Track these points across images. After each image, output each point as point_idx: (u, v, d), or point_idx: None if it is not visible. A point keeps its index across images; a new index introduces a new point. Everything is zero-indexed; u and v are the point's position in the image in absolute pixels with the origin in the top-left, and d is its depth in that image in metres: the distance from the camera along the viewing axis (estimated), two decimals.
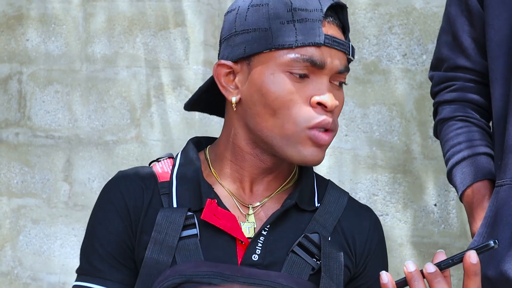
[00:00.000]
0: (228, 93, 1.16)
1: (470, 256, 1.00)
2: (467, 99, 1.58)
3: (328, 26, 1.13)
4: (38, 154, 2.61)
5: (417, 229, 2.16)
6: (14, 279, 2.65)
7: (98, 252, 1.18)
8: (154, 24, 2.44)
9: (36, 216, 2.61)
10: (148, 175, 1.20)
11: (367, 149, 2.20)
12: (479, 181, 1.51)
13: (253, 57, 1.13)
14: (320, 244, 1.14)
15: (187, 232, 1.13)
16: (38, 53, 2.60)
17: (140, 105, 2.46)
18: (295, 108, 1.11)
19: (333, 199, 1.22)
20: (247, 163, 1.17)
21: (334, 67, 1.13)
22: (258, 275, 1.11)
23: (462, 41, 1.56)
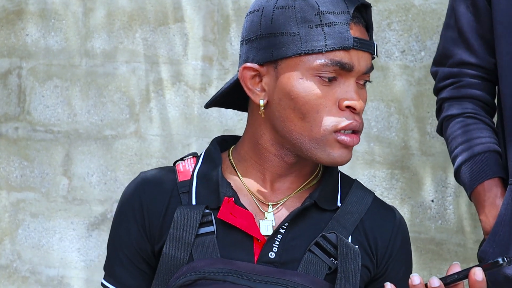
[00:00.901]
0: (255, 96, 1.16)
1: (475, 273, 1.00)
2: (474, 96, 1.57)
3: (355, 28, 1.13)
4: (38, 149, 2.62)
5: (414, 224, 2.17)
6: (13, 272, 2.66)
7: (117, 254, 1.22)
8: (153, 20, 2.45)
9: (35, 210, 2.62)
10: (169, 176, 1.21)
11: (365, 145, 2.21)
12: (490, 179, 1.50)
13: (281, 61, 1.13)
14: (337, 244, 1.14)
15: (204, 230, 1.14)
16: (37, 48, 2.61)
17: (139, 100, 2.47)
18: (324, 111, 1.12)
19: (356, 199, 1.21)
20: (270, 163, 1.18)
21: (362, 68, 1.14)
22: (273, 273, 1.11)
23: (469, 37, 1.55)
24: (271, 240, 1.14)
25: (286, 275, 1.11)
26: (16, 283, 2.66)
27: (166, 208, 1.18)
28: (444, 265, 2.14)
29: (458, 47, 1.58)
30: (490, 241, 1.45)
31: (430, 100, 2.14)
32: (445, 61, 1.61)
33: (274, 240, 1.14)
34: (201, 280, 1.10)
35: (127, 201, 1.21)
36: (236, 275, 1.10)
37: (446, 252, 2.13)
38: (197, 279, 1.10)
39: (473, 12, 1.55)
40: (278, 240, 1.14)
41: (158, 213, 1.18)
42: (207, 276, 1.10)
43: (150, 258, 1.19)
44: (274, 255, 1.13)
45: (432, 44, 2.14)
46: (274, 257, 1.13)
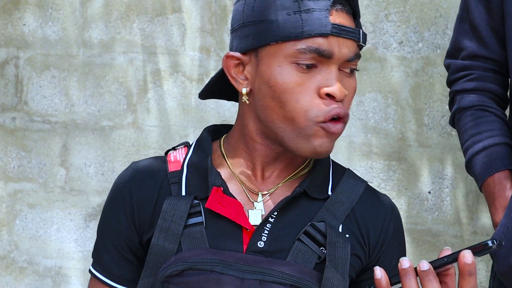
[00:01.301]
0: (238, 84, 1.16)
1: (464, 256, 0.98)
2: (486, 88, 1.57)
3: (336, 14, 1.11)
4: (35, 139, 2.61)
5: (411, 216, 2.17)
6: (11, 263, 2.67)
7: (104, 243, 1.22)
8: (151, 10, 2.44)
9: (33, 201, 2.62)
10: (159, 166, 1.21)
11: (362, 136, 2.20)
12: (500, 171, 1.50)
13: (261, 49, 1.12)
14: (326, 233, 1.13)
15: (193, 220, 1.14)
16: (35, 38, 2.60)
17: (137, 91, 2.46)
18: (304, 100, 1.10)
19: (347, 188, 1.20)
20: (258, 152, 1.18)
21: (343, 56, 1.11)
22: (262, 263, 1.10)
23: (480, 30, 1.55)
24: (260, 229, 1.14)
25: (274, 265, 1.10)
26: (13, 274, 2.66)
27: (156, 199, 1.18)
28: None
29: (470, 40, 1.58)
30: (499, 232, 1.45)
31: (428, 92, 2.14)
32: (458, 53, 1.62)
33: (263, 230, 1.14)
34: (188, 270, 1.10)
35: (117, 191, 1.21)
36: (223, 265, 1.10)
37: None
38: (184, 269, 1.10)
39: (485, 5, 1.54)
40: (267, 229, 1.14)
41: (148, 204, 1.18)
42: (195, 266, 1.10)
43: (138, 248, 1.19)
44: (263, 245, 1.13)
45: (430, 35, 2.13)
46: (263, 247, 1.13)
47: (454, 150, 2.13)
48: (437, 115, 2.13)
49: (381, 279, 1.02)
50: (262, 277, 1.09)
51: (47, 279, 2.61)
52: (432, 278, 1.00)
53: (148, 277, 1.15)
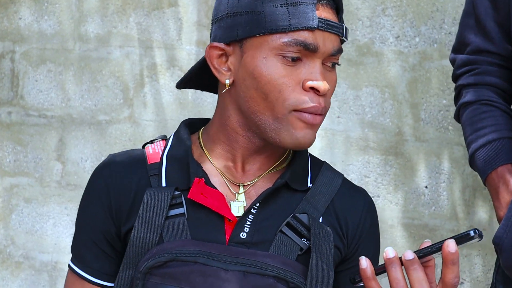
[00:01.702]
0: (221, 75, 1.16)
1: (448, 245, 0.99)
2: (491, 82, 1.57)
3: (321, 9, 1.12)
4: (31, 133, 2.61)
5: (407, 210, 2.17)
6: (7, 257, 2.66)
7: (81, 237, 1.21)
8: (147, 4, 2.43)
9: (29, 195, 2.62)
10: (138, 158, 1.21)
11: (359, 131, 2.20)
12: (504, 165, 1.50)
13: (246, 40, 1.12)
14: (309, 225, 1.14)
15: (175, 211, 1.14)
16: (31, 31, 2.59)
17: (133, 85, 2.46)
18: (287, 91, 1.11)
19: (326, 180, 1.22)
20: (239, 144, 1.18)
21: (327, 50, 1.12)
22: (245, 255, 1.11)
23: (486, 24, 1.55)
24: (242, 221, 1.14)
25: (257, 257, 1.11)
26: (9, 269, 2.66)
27: (136, 191, 1.17)
28: None
29: (476, 35, 1.58)
30: (504, 226, 1.45)
31: (424, 86, 2.14)
32: (463, 48, 1.62)
33: (246, 221, 1.14)
34: (172, 261, 1.10)
35: (94, 184, 1.21)
36: (207, 257, 1.10)
37: (440, 238, 2.14)
38: (167, 260, 1.10)
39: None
40: (250, 221, 1.14)
41: (126, 196, 1.17)
42: (178, 257, 1.10)
43: (115, 241, 1.19)
44: (245, 236, 1.13)
45: (426, 30, 2.13)
46: (246, 238, 1.13)
47: (451, 144, 2.13)
48: (434, 109, 2.13)
49: (366, 268, 1.03)
50: (245, 268, 1.10)
51: (43, 274, 2.61)
52: (417, 267, 1.01)
53: (128, 269, 1.14)
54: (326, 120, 2.23)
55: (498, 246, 1.47)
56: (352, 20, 2.20)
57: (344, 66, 2.21)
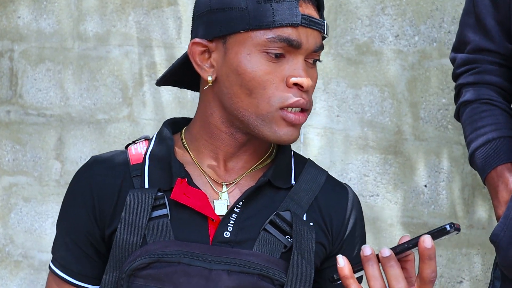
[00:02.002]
0: (204, 72, 1.15)
1: (424, 241, 0.99)
2: (491, 81, 1.57)
3: (304, 6, 1.13)
4: (30, 132, 2.61)
5: (407, 209, 2.17)
6: (6, 256, 2.66)
7: (63, 238, 1.21)
8: (146, 3, 2.43)
9: (28, 194, 2.61)
10: (120, 159, 1.20)
11: (358, 130, 2.20)
12: (503, 164, 1.50)
13: (229, 37, 1.12)
14: (292, 222, 1.14)
15: (158, 213, 1.14)
16: (29, 30, 2.59)
17: (132, 84, 2.46)
18: (271, 88, 1.11)
19: (310, 177, 1.22)
20: (222, 141, 1.18)
21: (310, 46, 1.13)
22: (228, 254, 1.11)
23: (486, 23, 1.55)
24: (226, 220, 1.14)
25: (241, 255, 1.11)
26: (8, 268, 2.66)
27: (119, 192, 1.17)
28: (437, 250, 2.15)
29: (476, 33, 1.58)
30: (502, 224, 1.45)
31: (424, 85, 2.14)
32: (463, 47, 1.61)
33: (229, 220, 1.14)
34: (155, 262, 1.10)
35: (76, 185, 1.21)
36: (190, 257, 1.10)
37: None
38: (151, 262, 1.10)
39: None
40: (233, 220, 1.14)
41: (109, 198, 1.17)
42: (162, 258, 1.10)
43: (99, 243, 1.18)
44: (229, 235, 1.13)
45: (426, 29, 2.13)
46: (229, 237, 1.13)
47: (450, 143, 2.13)
48: (433, 108, 2.13)
49: (343, 267, 1.04)
50: (229, 267, 1.10)
51: (42, 273, 2.60)
52: (394, 264, 1.02)
53: (113, 272, 1.14)
54: (325, 119, 2.23)
55: (495, 244, 1.47)
56: (351, 19, 2.20)
57: (344, 65, 2.21)
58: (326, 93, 2.23)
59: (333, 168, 2.22)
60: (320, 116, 2.23)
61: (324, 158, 2.22)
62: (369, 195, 2.20)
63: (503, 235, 1.45)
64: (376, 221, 2.19)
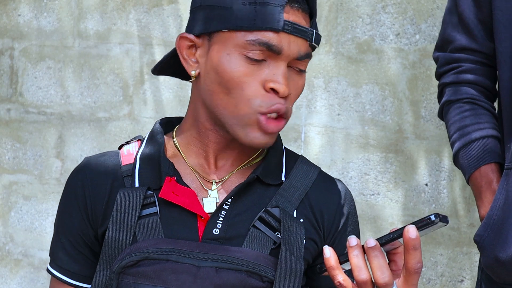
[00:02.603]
0: (188, 66, 1.16)
1: (409, 231, 0.99)
2: (474, 81, 1.57)
3: (291, 12, 1.12)
4: (30, 130, 2.60)
5: (408, 208, 2.17)
6: (6, 255, 2.66)
7: (60, 239, 1.22)
8: (147, 1, 2.43)
9: (28, 193, 2.61)
10: (112, 160, 1.22)
11: (359, 128, 2.20)
12: (487, 164, 1.50)
13: (214, 34, 1.13)
14: (280, 218, 1.14)
15: (147, 211, 1.14)
16: (30, 28, 2.59)
17: (133, 82, 2.45)
18: (249, 90, 1.11)
19: (300, 173, 1.22)
20: (210, 139, 1.18)
21: (292, 53, 1.12)
22: (217, 250, 1.12)
23: (468, 22, 1.55)
24: (215, 217, 1.14)
25: (229, 252, 1.12)
26: (8, 266, 2.66)
27: (109, 192, 1.18)
28: (438, 248, 2.15)
29: (459, 33, 1.58)
30: (485, 224, 1.45)
31: (425, 84, 2.14)
32: (446, 46, 1.61)
33: (218, 217, 1.15)
34: (144, 260, 1.11)
35: (70, 186, 1.22)
36: (179, 254, 1.10)
37: (440, 235, 2.14)
38: (140, 259, 1.11)
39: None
40: (222, 216, 1.15)
41: (101, 198, 1.18)
42: (150, 256, 1.10)
43: (93, 243, 1.19)
44: (218, 232, 1.14)
45: (427, 27, 2.13)
46: (219, 234, 1.14)
47: None
48: (434, 107, 2.13)
49: (329, 257, 1.04)
50: (217, 264, 1.10)
51: (42, 271, 2.60)
52: (378, 254, 1.02)
53: (103, 270, 1.15)
54: (326, 117, 2.23)
55: (479, 244, 1.47)
56: (352, 17, 2.20)
57: (344, 63, 2.20)
58: (327, 91, 2.23)
59: (334, 167, 2.22)
60: (321, 114, 2.23)
61: (325, 157, 2.22)
62: (370, 193, 2.20)
63: (486, 235, 1.45)
64: (377, 219, 2.19)
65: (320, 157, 2.22)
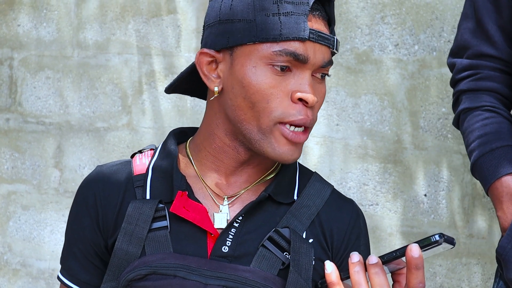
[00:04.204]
0: (210, 82, 1.15)
1: (411, 250, 0.99)
2: (493, 88, 1.54)
3: (314, 20, 1.12)
4: (29, 140, 2.60)
5: (406, 219, 2.16)
6: (4, 265, 2.65)
7: (71, 248, 1.21)
8: (146, 11, 2.43)
9: (26, 202, 2.61)
10: (124, 169, 1.21)
11: (358, 138, 2.20)
12: (508, 174, 1.46)
13: (236, 48, 1.12)
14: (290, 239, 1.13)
15: (158, 224, 1.13)
16: (29, 38, 2.59)
17: (132, 92, 2.45)
18: (274, 102, 1.10)
19: (313, 192, 1.20)
20: (225, 154, 1.17)
21: (317, 61, 1.12)
22: (225, 269, 1.10)
23: (488, 28, 1.52)
24: (225, 234, 1.13)
25: (238, 271, 1.10)
26: (6, 276, 2.65)
27: (121, 202, 1.17)
28: (436, 259, 2.14)
29: (477, 38, 1.54)
30: (508, 236, 1.42)
31: (423, 94, 2.13)
32: (463, 52, 1.58)
33: (228, 234, 1.13)
34: (151, 274, 1.10)
35: (81, 195, 1.21)
36: (187, 270, 1.09)
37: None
38: (147, 273, 1.10)
39: (492, 2, 1.51)
40: (232, 234, 1.13)
41: (112, 207, 1.17)
42: (158, 270, 1.09)
43: (104, 253, 1.18)
44: (227, 249, 1.12)
45: (425, 38, 2.13)
46: (228, 251, 1.12)
47: (450, 153, 2.13)
48: (433, 117, 2.13)
49: (331, 273, 1.04)
50: (225, 282, 1.09)
51: (40, 282, 2.60)
52: (379, 271, 1.01)
53: (110, 281, 1.14)
54: (325, 128, 2.23)
55: (502, 256, 1.44)
56: (351, 28, 2.20)
57: (343, 73, 2.20)
58: (326, 101, 2.23)
59: (333, 177, 2.22)
60: (320, 124, 2.23)
61: (324, 167, 2.22)
62: (369, 204, 2.19)
63: (510, 247, 1.42)
64: (375, 230, 2.19)
65: (319, 168, 2.22)
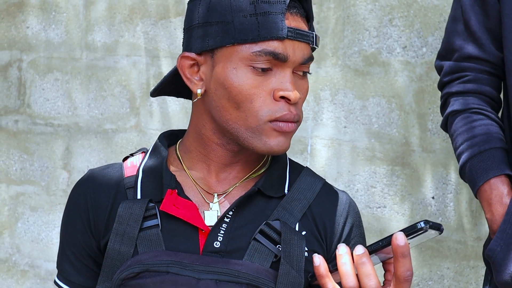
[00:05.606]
0: (193, 85, 1.16)
1: (397, 238, 1.00)
2: (481, 91, 1.54)
3: (291, 18, 1.12)
4: (37, 142, 2.61)
5: (414, 221, 2.16)
6: (12, 266, 2.66)
7: (64, 251, 1.23)
8: (154, 13, 2.44)
9: (35, 204, 2.62)
10: (115, 172, 1.22)
11: (365, 141, 2.20)
12: (496, 177, 1.47)
13: (217, 50, 1.13)
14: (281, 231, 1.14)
15: (149, 223, 1.15)
16: (38, 40, 2.60)
17: (140, 94, 2.46)
18: (258, 101, 1.11)
19: (304, 185, 1.21)
20: (214, 152, 1.18)
21: (297, 59, 1.13)
22: (217, 263, 1.11)
23: (476, 30, 1.52)
24: (216, 230, 1.14)
25: (230, 265, 1.11)
26: (15, 277, 2.66)
27: (112, 204, 1.19)
28: (444, 262, 2.14)
29: (465, 41, 1.54)
30: (498, 239, 1.42)
31: (431, 97, 2.13)
32: (451, 55, 1.58)
33: (219, 230, 1.15)
34: (144, 272, 1.11)
35: (73, 199, 1.23)
36: (179, 266, 1.10)
37: (446, 249, 2.13)
38: (140, 271, 1.11)
39: (480, 5, 1.51)
40: (223, 230, 1.15)
41: (103, 209, 1.19)
42: (150, 268, 1.11)
43: (97, 255, 1.20)
44: (219, 245, 1.14)
45: (433, 40, 2.13)
46: (220, 247, 1.14)
47: None
48: (440, 120, 2.12)
49: (319, 266, 1.05)
50: (218, 276, 1.10)
51: (48, 283, 2.60)
52: (366, 261, 1.02)
53: (105, 282, 1.15)
54: (332, 130, 2.23)
55: (492, 259, 1.44)
56: (359, 30, 2.20)
57: (351, 76, 2.20)
58: (334, 104, 2.23)
59: (340, 179, 2.22)
60: (327, 127, 2.23)
61: (331, 169, 2.22)
62: (376, 206, 2.19)
63: (499, 250, 1.43)
64: (383, 232, 2.18)
65: (327, 170, 2.22)
